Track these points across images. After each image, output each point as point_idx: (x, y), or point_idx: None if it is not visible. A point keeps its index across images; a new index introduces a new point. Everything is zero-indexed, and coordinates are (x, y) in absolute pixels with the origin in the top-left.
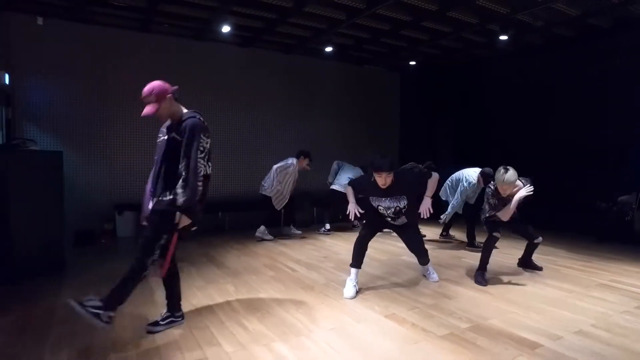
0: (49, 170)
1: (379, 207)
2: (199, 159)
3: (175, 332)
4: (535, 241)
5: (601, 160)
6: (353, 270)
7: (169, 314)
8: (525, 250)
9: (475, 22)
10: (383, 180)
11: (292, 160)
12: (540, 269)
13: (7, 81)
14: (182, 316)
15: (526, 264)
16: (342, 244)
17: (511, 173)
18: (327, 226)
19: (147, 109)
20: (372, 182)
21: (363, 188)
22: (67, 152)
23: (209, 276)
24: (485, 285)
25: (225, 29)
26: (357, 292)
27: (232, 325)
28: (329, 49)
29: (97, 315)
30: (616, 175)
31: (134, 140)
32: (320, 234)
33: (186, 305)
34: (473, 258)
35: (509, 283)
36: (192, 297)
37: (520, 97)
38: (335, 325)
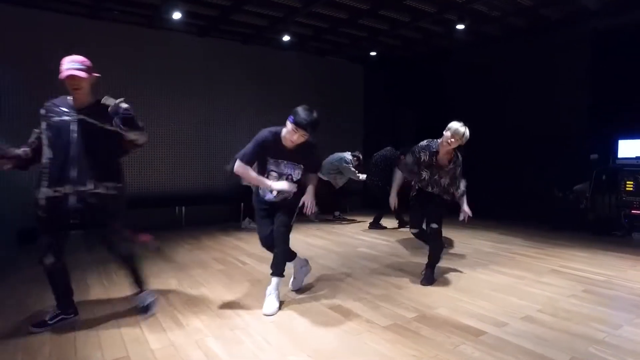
0: None
1: (271, 173)
2: None
3: (98, 329)
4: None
5: (557, 149)
6: (275, 279)
7: (59, 311)
8: None
9: (433, 11)
10: (296, 137)
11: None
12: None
13: None
14: (75, 311)
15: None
16: (299, 237)
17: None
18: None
19: (79, 73)
20: (278, 139)
21: (267, 146)
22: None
23: (153, 271)
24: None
25: (177, 15)
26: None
27: (165, 320)
28: (286, 38)
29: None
30: (572, 164)
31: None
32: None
33: (122, 302)
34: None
35: (460, 272)
36: (130, 292)
37: (478, 87)
38: (276, 319)
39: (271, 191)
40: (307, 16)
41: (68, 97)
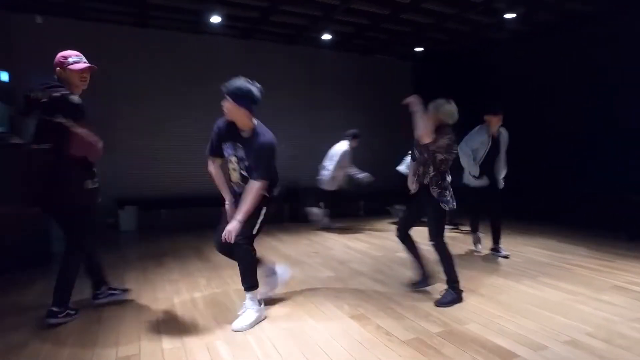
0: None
1: (230, 158)
2: None
3: (121, 325)
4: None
5: (634, 146)
6: (247, 294)
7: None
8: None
9: (480, 0)
10: (225, 106)
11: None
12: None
13: (7, 79)
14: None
15: None
16: (341, 239)
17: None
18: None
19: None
20: (231, 123)
21: (221, 131)
22: None
23: (187, 270)
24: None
25: (216, 19)
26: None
27: (183, 320)
28: (327, 37)
29: None
30: None
31: (136, 136)
32: (326, 228)
33: (149, 298)
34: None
35: (503, 283)
36: (160, 291)
37: (535, 79)
38: (292, 325)
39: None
40: (347, 13)
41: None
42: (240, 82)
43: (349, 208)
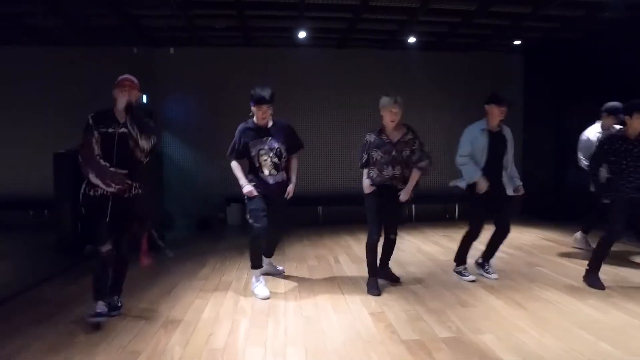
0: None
1: (260, 152)
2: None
3: (180, 297)
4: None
5: None
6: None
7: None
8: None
9: None
10: (262, 113)
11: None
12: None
13: (145, 101)
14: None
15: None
16: (415, 241)
17: None
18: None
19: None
20: (252, 124)
21: (243, 134)
22: (192, 154)
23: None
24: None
25: (306, 33)
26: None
27: (228, 298)
28: (413, 39)
29: None
30: None
31: None
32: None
33: (215, 279)
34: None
35: (563, 299)
36: (227, 275)
37: None
38: (312, 314)
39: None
40: (433, 14)
41: None
42: (267, 89)
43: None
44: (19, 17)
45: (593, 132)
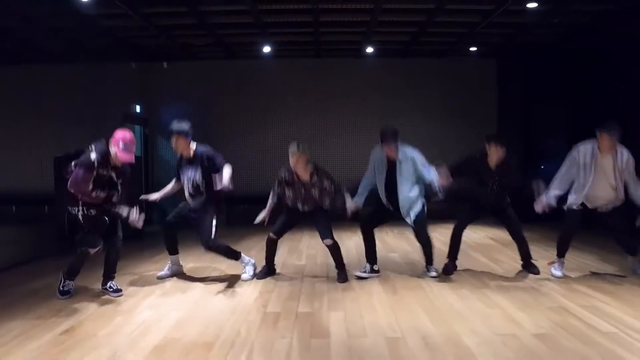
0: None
1: (184, 180)
2: None
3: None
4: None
5: None
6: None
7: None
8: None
9: None
10: (173, 144)
11: None
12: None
13: (138, 110)
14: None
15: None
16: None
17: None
18: None
19: (131, 159)
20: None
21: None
22: None
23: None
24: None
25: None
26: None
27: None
28: (369, 49)
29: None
30: None
31: (230, 150)
32: None
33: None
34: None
35: (438, 289)
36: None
37: None
38: (212, 289)
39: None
40: (388, 25)
41: None
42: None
43: None
44: (31, 40)
45: None
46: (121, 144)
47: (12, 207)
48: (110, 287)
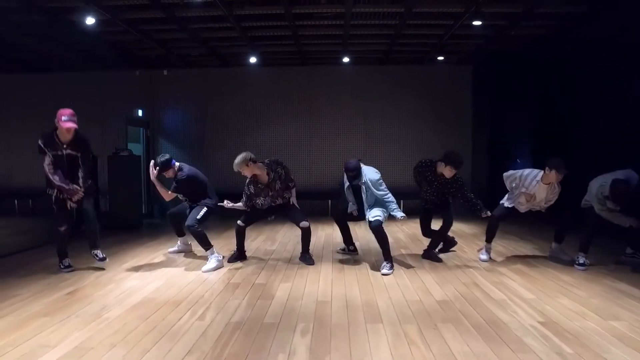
0: (130, 165)
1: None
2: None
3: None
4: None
5: None
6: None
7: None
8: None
9: None
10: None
11: None
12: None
13: (140, 114)
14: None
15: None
16: None
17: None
18: None
19: (74, 125)
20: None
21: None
22: (182, 155)
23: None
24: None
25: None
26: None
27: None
28: (346, 59)
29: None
30: None
31: (222, 149)
32: None
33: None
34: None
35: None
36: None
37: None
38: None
39: None
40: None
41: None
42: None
43: None
44: (50, 53)
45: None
46: (63, 117)
47: (29, 201)
48: (96, 255)
